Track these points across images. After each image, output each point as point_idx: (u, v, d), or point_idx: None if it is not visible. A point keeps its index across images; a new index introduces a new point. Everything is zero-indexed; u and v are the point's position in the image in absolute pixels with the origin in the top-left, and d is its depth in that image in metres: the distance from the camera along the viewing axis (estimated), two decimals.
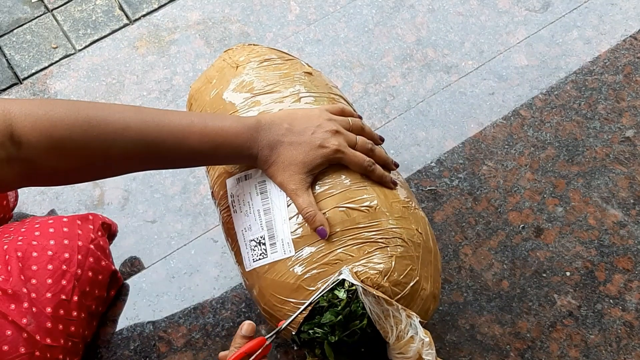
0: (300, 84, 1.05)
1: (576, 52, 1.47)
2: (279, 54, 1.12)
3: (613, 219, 1.25)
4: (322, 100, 1.04)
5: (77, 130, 0.81)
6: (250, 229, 0.97)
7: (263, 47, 1.14)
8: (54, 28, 1.86)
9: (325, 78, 1.12)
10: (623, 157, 1.31)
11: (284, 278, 0.93)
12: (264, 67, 1.07)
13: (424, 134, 1.38)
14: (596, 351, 1.14)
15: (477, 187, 1.29)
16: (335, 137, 0.94)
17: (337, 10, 1.62)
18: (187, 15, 1.66)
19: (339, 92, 1.11)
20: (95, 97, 1.55)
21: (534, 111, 1.37)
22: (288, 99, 1.02)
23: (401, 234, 0.92)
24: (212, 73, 1.11)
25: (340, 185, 0.94)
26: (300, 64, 1.11)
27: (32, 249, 1.02)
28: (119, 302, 1.21)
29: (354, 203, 0.93)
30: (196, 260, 1.25)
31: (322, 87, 1.07)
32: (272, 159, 0.93)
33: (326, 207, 0.92)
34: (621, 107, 1.37)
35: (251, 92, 1.03)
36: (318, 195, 0.94)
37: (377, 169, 0.96)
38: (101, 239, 1.14)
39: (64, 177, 0.87)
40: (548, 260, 1.21)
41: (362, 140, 0.98)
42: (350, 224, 0.92)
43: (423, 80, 1.48)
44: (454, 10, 1.58)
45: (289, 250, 0.93)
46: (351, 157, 0.94)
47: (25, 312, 0.96)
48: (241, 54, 1.11)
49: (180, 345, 1.16)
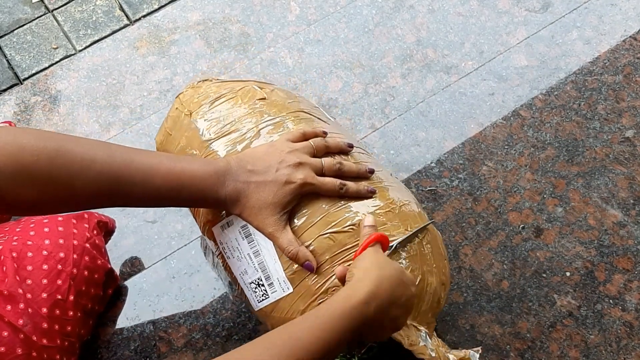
0: (256, 115, 1.02)
1: (576, 52, 1.47)
2: (230, 85, 1.09)
3: (613, 219, 1.25)
4: (281, 124, 1.02)
5: (44, 157, 0.80)
6: (247, 272, 0.98)
7: (212, 84, 1.11)
8: (54, 28, 1.86)
9: (280, 94, 1.08)
10: (623, 157, 1.31)
11: (289, 315, 0.94)
12: (217, 107, 1.05)
13: (424, 135, 1.38)
14: (596, 351, 1.14)
15: (477, 187, 1.29)
16: (300, 169, 0.92)
17: (338, 10, 1.62)
18: (187, 15, 1.66)
19: (299, 105, 1.07)
20: (95, 97, 1.55)
21: (534, 111, 1.37)
22: (247, 134, 1.00)
23: (392, 241, 0.92)
24: (170, 124, 1.09)
25: (319, 212, 0.93)
26: (253, 89, 1.07)
27: (27, 249, 1.02)
28: (119, 302, 1.21)
29: (337, 226, 0.92)
30: (196, 261, 1.25)
31: (280, 109, 1.04)
32: (242, 203, 0.91)
33: (310, 237, 0.92)
34: (621, 108, 1.37)
35: (210, 138, 1.02)
36: (299, 228, 0.93)
37: (350, 187, 0.94)
38: (97, 238, 1.14)
39: (30, 206, 0.84)
40: (548, 261, 1.21)
41: (328, 162, 0.95)
42: (338, 248, 0.91)
43: (423, 80, 1.49)
44: (454, 11, 1.58)
45: (287, 288, 0.93)
46: (320, 186, 0.92)
47: (22, 313, 0.96)
48: (192, 98, 1.08)
49: (181, 346, 1.16)
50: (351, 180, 0.96)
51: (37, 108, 1.56)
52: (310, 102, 1.13)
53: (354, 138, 1.10)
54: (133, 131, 1.46)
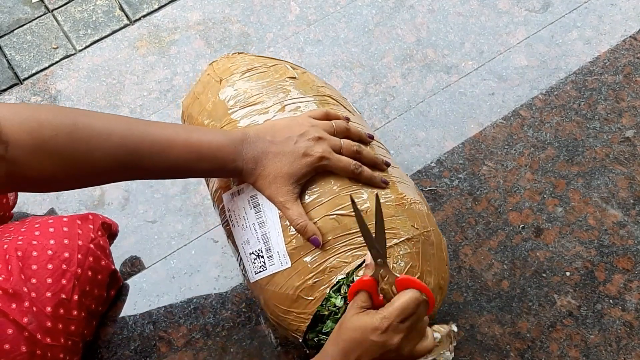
0: (284, 92, 1.04)
1: (576, 52, 1.47)
2: (263, 60, 1.11)
3: (613, 219, 1.25)
4: (307, 104, 1.04)
5: (63, 132, 0.81)
6: (249, 242, 0.98)
7: (247, 56, 1.13)
8: (54, 28, 1.86)
9: (312, 77, 1.11)
10: (623, 157, 1.31)
11: (283, 290, 0.94)
12: (247, 78, 1.06)
13: (424, 134, 1.38)
14: (596, 351, 1.14)
15: (477, 187, 1.29)
16: (319, 143, 0.93)
17: (337, 10, 1.62)
18: (187, 15, 1.66)
19: (328, 91, 1.10)
20: (95, 97, 1.55)
21: (534, 111, 1.37)
22: (272, 108, 1.01)
23: (396, 233, 0.92)
24: (199, 89, 1.11)
25: (329, 192, 0.93)
26: (285, 67, 1.09)
27: (32, 248, 1.02)
28: (119, 302, 1.21)
29: (344, 209, 0.92)
30: (196, 261, 1.25)
31: (308, 90, 1.06)
32: (258, 172, 0.92)
33: (316, 216, 0.92)
34: (621, 108, 1.37)
35: (235, 106, 1.03)
36: (308, 204, 0.93)
37: (365, 170, 0.95)
38: (101, 239, 1.14)
39: (49, 181, 0.86)
40: (548, 261, 1.21)
41: (347, 143, 0.96)
42: (342, 231, 0.92)
43: (423, 80, 1.49)
44: (454, 11, 1.58)
45: (286, 262, 0.93)
46: (336, 162, 0.93)
47: (26, 311, 0.96)
48: (224, 66, 1.10)
49: (181, 345, 1.16)
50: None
51: None
52: (339, 93, 1.14)
53: (375, 135, 1.11)
54: None
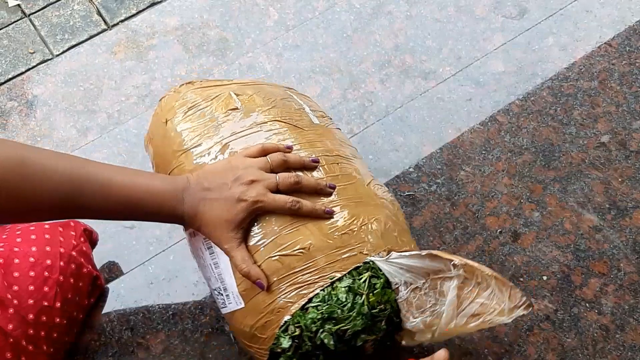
0: (225, 128, 1.02)
1: (552, 58, 1.49)
2: (207, 92, 1.07)
3: (589, 223, 1.26)
4: (248, 139, 1.01)
5: (8, 167, 0.81)
6: (210, 280, 1.00)
7: (192, 89, 1.09)
8: (31, 33, 1.85)
9: (258, 100, 1.06)
10: (599, 162, 1.32)
11: (242, 327, 0.96)
12: (189, 118, 1.04)
13: (402, 140, 1.39)
14: (573, 354, 1.15)
15: (455, 192, 1.30)
16: (252, 187, 0.92)
17: (316, 16, 1.62)
18: (165, 20, 1.66)
19: (275, 112, 1.05)
20: (72, 102, 1.54)
21: (511, 117, 1.38)
22: (213, 149, 1.00)
23: (341, 266, 0.92)
24: (152, 129, 1.10)
25: (270, 234, 0.93)
26: (229, 98, 1.05)
27: (14, 255, 1.01)
28: (97, 308, 1.20)
29: (286, 249, 0.92)
30: (175, 266, 1.24)
31: (252, 119, 1.03)
32: (199, 220, 0.93)
33: (260, 259, 0.92)
34: (596, 113, 1.38)
35: (179, 150, 1.02)
36: (252, 247, 0.93)
37: (304, 206, 0.93)
38: (84, 245, 1.14)
39: None
40: (525, 265, 1.22)
41: (283, 177, 0.94)
42: (286, 271, 0.91)
43: (401, 86, 1.49)
44: (432, 17, 1.59)
45: (240, 303, 0.95)
46: (272, 203, 0.92)
47: (11, 317, 0.96)
48: (169, 105, 1.08)
49: (159, 352, 1.16)
50: (311, 195, 0.95)
51: (13, 113, 1.55)
52: (297, 102, 1.11)
53: (342, 138, 1.09)
54: (111, 136, 1.46)
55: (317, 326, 0.89)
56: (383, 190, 1.04)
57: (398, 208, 1.04)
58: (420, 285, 0.92)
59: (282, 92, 1.12)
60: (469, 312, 0.92)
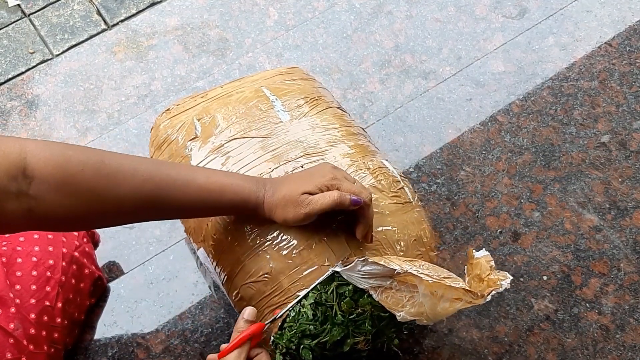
0: (192, 160, 1.03)
1: (552, 58, 1.49)
2: (176, 120, 1.09)
3: (589, 223, 1.26)
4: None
5: (90, 167, 0.80)
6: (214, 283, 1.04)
7: (166, 120, 1.10)
8: (31, 33, 1.85)
9: (218, 119, 1.06)
10: (599, 162, 1.32)
11: None
12: (163, 152, 1.07)
13: (402, 140, 1.39)
14: (573, 354, 1.15)
15: (455, 192, 1.30)
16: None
17: (316, 16, 1.62)
18: (165, 20, 1.66)
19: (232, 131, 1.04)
20: (72, 102, 1.54)
21: (511, 117, 1.38)
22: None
23: (303, 284, 0.92)
24: (151, 150, 1.13)
25: (237, 263, 0.96)
26: (190, 125, 1.06)
27: (16, 254, 1.01)
28: (97, 308, 1.20)
29: (253, 276, 0.94)
30: (175, 266, 1.24)
31: (206, 149, 1.03)
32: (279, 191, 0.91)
33: (237, 288, 0.97)
34: (596, 113, 1.38)
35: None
36: (228, 276, 0.98)
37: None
38: (87, 245, 1.14)
39: (71, 218, 0.83)
40: (525, 265, 1.22)
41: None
42: (259, 296, 0.94)
43: (401, 86, 1.49)
44: (432, 17, 1.59)
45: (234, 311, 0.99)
46: (347, 186, 0.90)
47: (13, 317, 0.96)
48: (151, 140, 1.11)
49: (159, 352, 1.16)
50: None
51: (13, 113, 1.55)
52: (268, 101, 1.07)
53: (315, 125, 1.06)
54: (110, 136, 1.46)
55: (295, 344, 0.90)
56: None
57: None
58: (388, 285, 0.90)
59: (252, 94, 1.08)
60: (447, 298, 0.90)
